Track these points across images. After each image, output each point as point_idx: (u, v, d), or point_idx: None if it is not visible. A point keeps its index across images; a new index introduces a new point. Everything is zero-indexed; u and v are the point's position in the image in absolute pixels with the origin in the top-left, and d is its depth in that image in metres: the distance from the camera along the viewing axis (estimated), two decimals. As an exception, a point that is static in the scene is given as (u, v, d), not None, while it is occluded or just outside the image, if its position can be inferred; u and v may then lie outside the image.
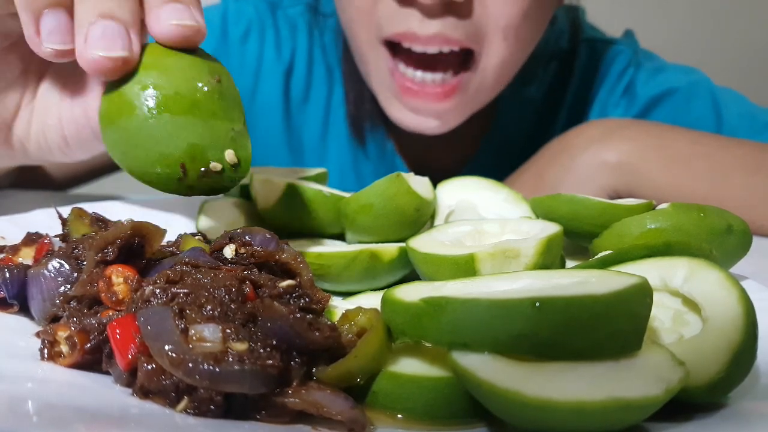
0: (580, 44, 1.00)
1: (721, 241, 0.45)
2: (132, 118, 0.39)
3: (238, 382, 0.29)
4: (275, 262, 0.38)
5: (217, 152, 0.39)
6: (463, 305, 0.30)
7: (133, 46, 0.41)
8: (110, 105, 0.41)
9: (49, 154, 0.55)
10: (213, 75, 0.41)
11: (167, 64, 0.41)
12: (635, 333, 0.30)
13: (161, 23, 0.41)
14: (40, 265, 0.38)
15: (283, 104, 1.00)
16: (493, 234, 0.48)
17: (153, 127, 0.39)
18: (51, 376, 0.32)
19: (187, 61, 0.41)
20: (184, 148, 0.39)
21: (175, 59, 0.41)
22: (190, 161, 0.39)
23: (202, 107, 0.40)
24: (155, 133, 0.39)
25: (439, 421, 0.32)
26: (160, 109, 0.39)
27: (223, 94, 0.41)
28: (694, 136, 0.78)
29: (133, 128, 0.39)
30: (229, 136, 0.40)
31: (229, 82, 0.43)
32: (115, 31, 0.40)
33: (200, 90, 0.40)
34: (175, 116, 0.39)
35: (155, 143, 0.39)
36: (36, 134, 0.54)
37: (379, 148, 1.00)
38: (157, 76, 0.40)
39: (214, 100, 0.40)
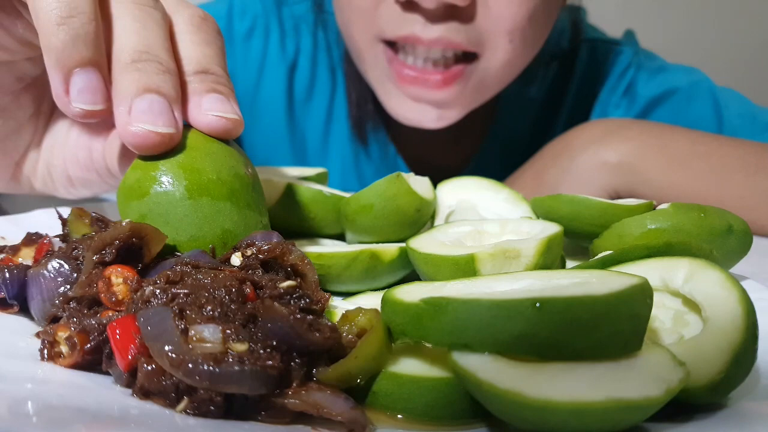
0: (580, 44, 1.00)
1: (722, 241, 0.45)
2: (168, 195, 0.39)
3: (238, 383, 0.29)
4: (282, 263, 0.38)
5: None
6: (463, 306, 0.30)
7: (178, 123, 0.40)
8: (142, 178, 0.40)
9: (54, 190, 0.55)
10: (248, 166, 0.42)
11: (209, 149, 0.41)
12: (636, 333, 0.30)
13: (203, 112, 0.41)
14: (40, 266, 0.38)
15: (287, 101, 1.00)
16: (493, 234, 0.48)
17: (190, 207, 0.39)
18: (51, 377, 0.32)
19: (227, 150, 0.42)
20: (218, 233, 0.39)
21: (216, 146, 0.41)
22: (221, 246, 0.39)
23: (239, 196, 0.40)
24: (191, 215, 0.39)
25: (440, 421, 0.32)
26: (202, 191, 0.39)
27: (255, 187, 0.42)
28: (695, 136, 0.78)
29: (167, 205, 0.39)
30: (259, 228, 0.41)
31: (257, 175, 0.43)
32: (162, 106, 0.39)
33: (239, 179, 0.41)
34: (214, 201, 0.39)
35: (189, 224, 0.39)
36: (42, 172, 0.54)
37: (381, 148, 1.00)
38: (200, 159, 0.40)
39: (249, 191, 0.41)
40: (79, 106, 0.40)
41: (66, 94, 0.40)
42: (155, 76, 0.40)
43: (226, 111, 0.42)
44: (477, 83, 0.80)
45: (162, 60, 0.41)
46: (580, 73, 0.99)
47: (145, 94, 0.39)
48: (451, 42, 0.74)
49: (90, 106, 0.40)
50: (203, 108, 0.41)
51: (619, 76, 0.98)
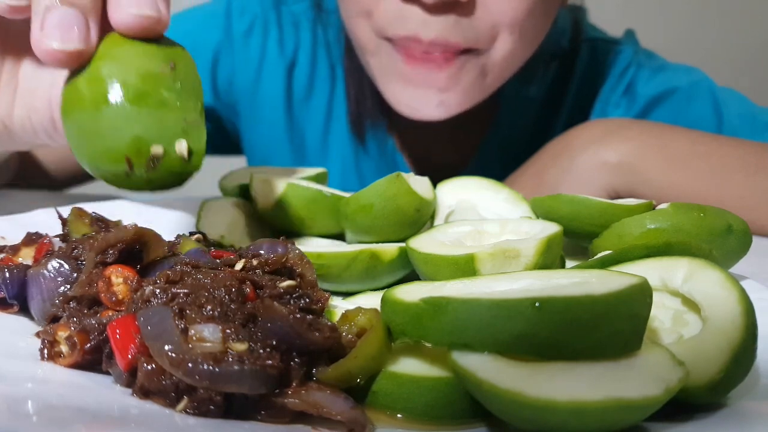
0: (581, 44, 1.00)
1: (721, 241, 0.45)
2: (79, 112, 0.38)
3: (237, 383, 0.29)
4: (282, 263, 0.38)
5: (165, 144, 0.38)
6: (463, 305, 0.30)
7: (91, 36, 0.39)
8: (66, 96, 0.40)
9: (34, 136, 0.54)
10: (167, 62, 0.39)
11: (120, 54, 0.39)
12: (635, 333, 0.30)
13: (121, 12, 0.40)
14: (40, 266, 0.38)
15: (285, 100, 1.00)
16: (493, 234, 0.48)
17: (99, 120, 0.37)
18: (51, 377, 0.32)
19: (142, 50, 0.39)
20: (128, 141, 0.37)
21: (130, 48, 0.39)
22: (135, 154, 0.37)
23: (149, 97, 0.38)
24: (100, 127, 0.37)
25: (440, 421, 0.32)
26: (105, 100, 0.37)
27: (175, 82, 0.39)
28: (694, 136, 0.78)
29: (82, 121, 0.38)
30: (180, 127, 0.38)
31: (187, 68, 0.40)
32: (72, 19, 0.39)
33: (151, 78, 0.38)
34: (120, 108, 0.37)
35: (100, 137, 0.38)
36: (20, 116, 0.53)
37: (380, 145, 1.00)
38: (107, 67, 0.38)
39: (165, 88, 0.38)
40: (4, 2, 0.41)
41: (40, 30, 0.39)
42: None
43: (143, 8, 0.40)
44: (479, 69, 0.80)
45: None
46: (580, 72, 0.99)
47: (57, 6, 0.39)
48: (449, 43, 0.74)
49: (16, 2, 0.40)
50: (121, 6, 0.40)
51: (619, 75, 0.98)
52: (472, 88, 0.81)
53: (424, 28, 0.73)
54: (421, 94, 0.80)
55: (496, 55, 0.78)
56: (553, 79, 1.00)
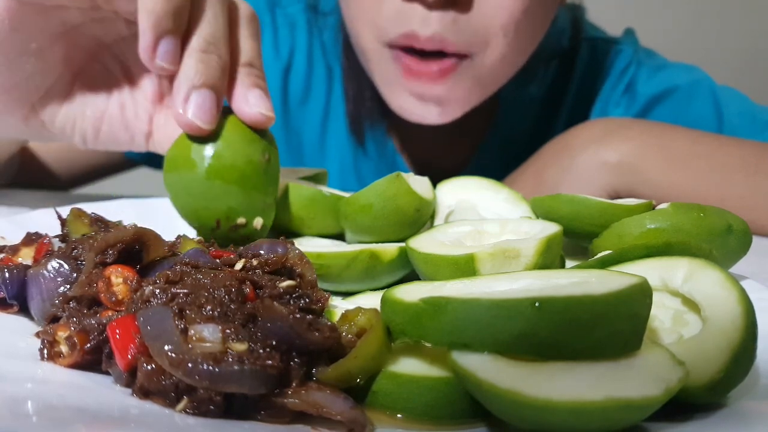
0: (581, 43, 1.00)
1: (721, 241, 0.45)
2: (192, 173, 0.48)
3: (237, 383, 0.29)
4: (282, 263, 0.38)
5: (248, 216, 0.48)
6: (463, 305, 0.30)
7: (218, 116, 0.48)
8: (179, 155, 0.48)
9: (68, 138, 0.59)
10: (264, 154, 0.49)
11: (234, 138, 0.48)
12: (635, 333, 0.30)
13: (249, 107, 0.49)
14: (40, 266, 0.38)
15: (281, 103, 0.99)
16: (492, 234, 0.48)
17: (205, 186, 0.47)
18: (51, 377, 0.32)
19: (250, 139, 0.49)
20: (223, 209, 0.48)
21: (243, 135, 0.49)
22: (225, 219, 0.48)
23: (247, 180, 0.48)
24: (205, 192, 0.47)
25: (439, 421, 0.32)
26: (216, 174, 0.47)
27: (267, 172, 0.49)
28: (694, 135, 0.78)
29: (189, 181, 0.48)
30: (261, 206, 0.49)
31: (275, 160, 0.50)
32: (211, 103, 0.48)
33: (252, 165, 0.48)
34: (225, 184, 0.47)
35: (202, 199, 0.48)
36: (63, 120, 0.58)
37: (380, 146, 1.00)
38: (222, 147, 0.48)
39: (259, 175, 0.48)
40: (161, 64, 0.48)
41: (153, 52, 0.48)
42: (214, 70, 0.48)
43: (267, 108, 0.50)
44: (474, 79, 0.80)
45: (221, 54, 0.49)
46: (580, 71, 0.99)
47: (202, 89, 0.48)
48: (446, 41, 0.74)
49: (168, 65, 0.49)
50: (249, 102, 0.49)
51: (619, 74, 0.98)
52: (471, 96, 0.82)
53: (423, 25, 0.74)
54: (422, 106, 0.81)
55: (490, 59, 0.78)
56: (553, 79, 1.00)
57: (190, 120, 0.47)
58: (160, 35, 0.48)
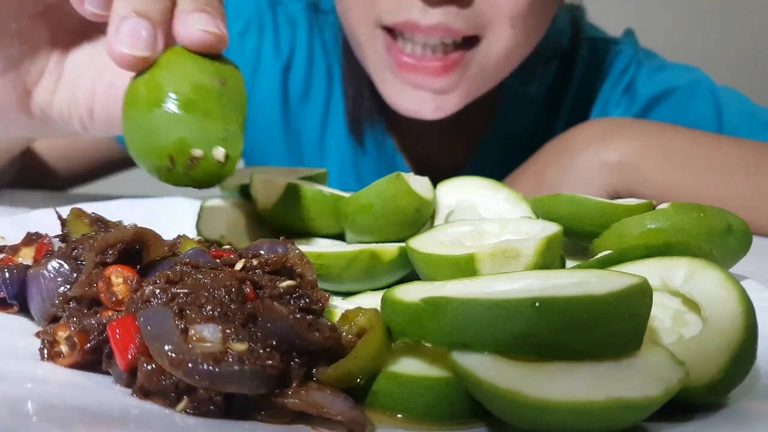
0: (581, 43, 1.00)
1: (721, 241, 0.45)
2: (137, 110, 0.43)
3: (237, 383, 0.29)
4: (282, 263, 0.38)
5: (205, 148, 0.42)
6: (463, 305, 0.30)
7: (157, 45, 0.44)
8: (127, 95, 0.44)
9: (69, 125, 0.58)
10: (219, 77, 0.44)
11: (178, 65, 0.44)
12: (635, 333, 0.30)
13: (188, 28, 0.44)
14: (40, 266, 0.38)
15: (282, 101, 0.99)
16: (493, 234, 0.48)
17: (149, 119, 0.42)
18: (51, 377, 0.32)
19: (198, 64, 0.44)
20: (173, 141, 0.42)
21: (189, 61, 0.44)
22: (178, 153, 0.42)
23: (196, 105, 0.42)
24: (151, 126, 0.42)
25: (439, 421, 0.32)
26: (158, 103, 0.42)
27: (223, 95, 0.44)
28: (694, 135, 0.78)
29: (136, 119, 0.43)
30: (220, 135, 0.43)
31: (236, 85, 0.46)
32: (143, 29, 0.43)
33: (199, 90, 0.43)
34: (169, 112, 0.42)
35: (150, 134, 0.42)
36: (59, 104, 0.57)
37: (379, 145, 0.99)
38: (164, 75, 0.43)
39: (212, 100, 0.43)
40: (91, 9, 0.45)
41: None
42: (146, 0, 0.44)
43: (209, 25, 0.45)
44: (477, 71, 0.79)
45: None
46: (580, 71, 0.99)
47: (132, 17, 0.43)
48: (450, 29, 0.74)
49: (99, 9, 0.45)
50: (188, 24, 0.45)
51: (619, 74, 0.98)
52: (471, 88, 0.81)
53: (423, 15, 0.73)
54: (419, 98, 0.80)
55: (496, 50, 0.77)
56: (553, 78, 1.00)
57: (120, 50, 0.43)
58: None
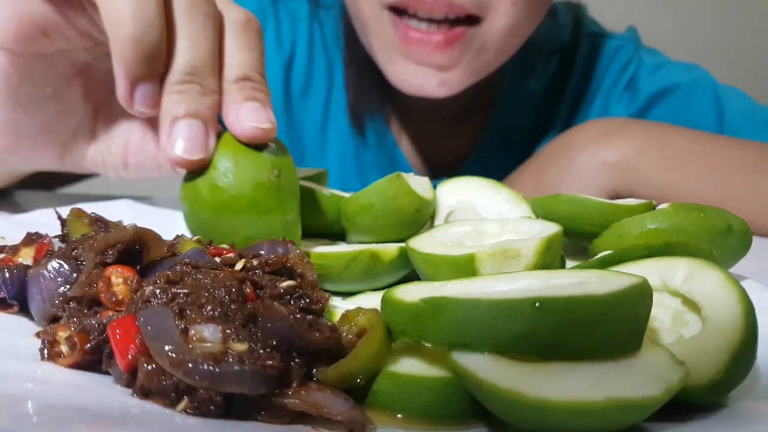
0: (582, 39, 1.00)
1: (722, 241, 0.45)
2: (200, 209, 0.45)
3: (238, 383, 0.29)
4: (283, 264, 0.38)
5: None
6: (463, 305, 0.30)
7: (210, 145, 0.45)
8: (186, 190, 0.46)
9: (102, 171, 0.59)
10: (273, 170, 0.45)
11: (233, 163, 0.44)
12: (635, 333, 0.30)
13: (241, 123, 0.45)
14: (40, 266, 0.38)
15: (284, 95, 1.00)
16: (493, 234, 0.48)
17: (217, 221, 0.44)
18: (51, 377, 0.32)
19: (253, 159, 0.45)
20: (240, 240, 0.44)
21: (243, 156, 0.45)
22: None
23: (258, 205, 0.44)
24: (216, 227, 0.44)
25: (440, 421, 0.32)
26: (223, 207, 0.44)
27: (280, 188, 0.45)
28: (694, 135, 0.78)
29: (200, 216, 0.45)
30: (281, 227, 0.45)
31: (288, 173, 0.46)
32: (197, 131, 0.44)
33: (260, 188, 0.44)
34: (235, 215, 0.44)
35: (217, 234, 0.44)
36: (94, 156, 0.57)
37: (379, 137, 1.00)
38: (222, 175, 0.44)
39: (271, 195, 0.44)
40: (141, 109, 0.46)
41: (130, 98, 0.45)
42: (195, 98, 0.45)
43: (261, 120, 0.45)
44: (479, 48, 0.79)
45: (203, 81, 0.45)
46: (581, 67, 0.99)
47: (184, 119, 0.44)
48: (454, 4, 0.74)
49: (149, 110, 0.46)
50: (240, 117, 0.45)
51: (620, 70, 0.98)
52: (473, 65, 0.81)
53: None
54: (422, 73, 0.80)
55: (498, 27, 0.78)
56: (553, 74, 1.00)
57: (177, 155, 0.44)
58: (134, 82, 0.45)
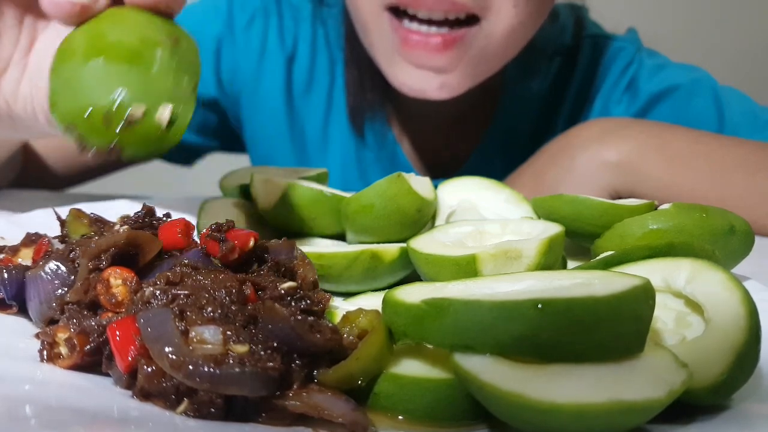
0: (583, 40, 1.00)
1: (724, 241, 0.45)
2: (70, 63, 0.37)
3: (238, 385, 0.29)
4: (286, 265, 0.38)
5: (149, 105, 0.36)
6: (464, 307, 0.30)
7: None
8: (60, 48, 0.38)
9: (34, 120, 0.54)
10: (171, 36, 0.39)
11: (125, 18, 0.38)
12: (638, 334, 0.30)
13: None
14: (38, 267, 0.37)
15: (286, 92, 1.00)
16: (494, 234, 0.48)
17: (85, 71, 0.36)
18: (50, 378, 0.32)
19: (149, 19, 0.39)
20: (110, 95, 0.36)
21: (137, 16, 0.39)
22: (115, 110, 0.36)
23: (144, 59, 0.36)
24: (86, 78, 0.36)
25: (441, 422, 0.32)
26: (97, 53, 0.36)
27: (175, 54, 0.38)
28: (695, 135, 0.78)
29: (68, 72, 0.37)
30: (167, 94, 0.37)
31: (189, 48, 0.40)
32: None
33: (147, 42, 0.37)
34: (109, 62, 0.36)
35: (83, 89, 0.36)
36: (24, 96, 0.53)
37: (380, 137, 1.00)
38: (108, 26, 0.38)
39: (161, 55, 0.37)
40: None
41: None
42: None
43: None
44: (479, 50, 0.79)
45: None
46: (582, 68, 0.99)
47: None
48: (455, 2, 0.74)
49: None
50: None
51: (621, 72, 0.98)
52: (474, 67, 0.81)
53: None
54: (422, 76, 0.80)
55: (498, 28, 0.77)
56: (555, 75, 1.00)
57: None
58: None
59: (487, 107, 0.99)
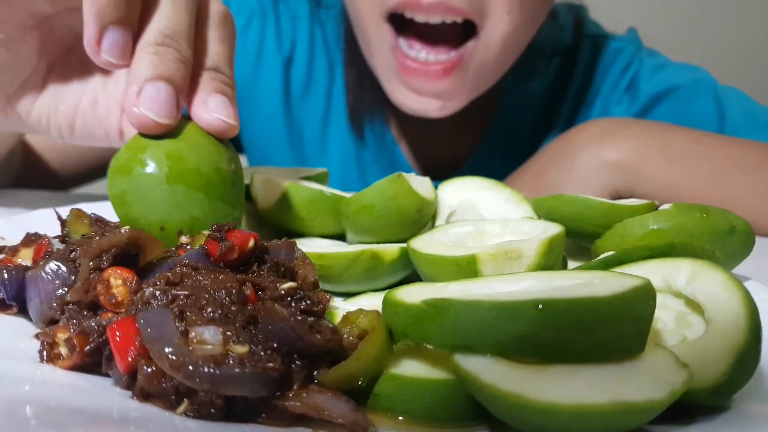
0: (583, 40, 1.00)
1: (724, 241, 0.45)
2: (150, 176, 0.42)
3: (238, 385, 0.29)
4: (287, 266, 0.38)
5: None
6: (465, 307, 0.30)
7: (178, 114, 0.43)
8: (131, 157, 0.42)
9: (46, 133, 0.57)
10: (231, 163, 0.44)
11: (198, 143, 0.43)
12: (638, 335, 0.30)
13: (208, 113, 0.44)
14: (38, 267, 0.37)
15: (283, 94, 1.00)
16: (494, 234, 0.48)
17: (165, 192, 0.41)
18: (50, 378, 0.32)
19: (215, 146, 0.44)
20: (186, 219, 0.42)
21: (207, 140, 0.44)
22: (188, 230, 0.42)
23: (214, 189, 0.43)
24: (166, 198, 0.41)
25: (441, 423, 0.32)
26: (178, 178, 0.42)
27: (233, 183, 0.44)
28: (695, 135, 0.78)
29: (144, 186, 0.42)
30: (227, 220, 0.43)
31: (241, 173, 0.46)
32: (168, 95, 0.42)
33: (218, 173, 0.43)
34: (188, 190, 0.42)
35: (162, 207, 0.42)
36: (39, 113, 0.56)
37: (378, 137, 1.00)
38: (185, 148, 0.42)
39: (226, 186, 0.44)
40: (107, 58, 0.44)
41: (97, 44, 0.43)
42: (171, 63, 0.43)
43: (229, 115, 0.44)
44: (477, 67, 0.79)
45: (181, 49, 0.44)
46: (582, 68, 0.99)
47: (157, 81, 0.42)
48: (452, 7, 0.74)
49: (117, 60, 0.44)
50: (209, 107, 0.44)
51: (621, 72, 0.98)
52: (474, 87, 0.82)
53: None
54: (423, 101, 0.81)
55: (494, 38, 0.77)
56: (555, 75, 1.00)
57: (142, 114, 0.41)
58: (104, 25, 0.43)
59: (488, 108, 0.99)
